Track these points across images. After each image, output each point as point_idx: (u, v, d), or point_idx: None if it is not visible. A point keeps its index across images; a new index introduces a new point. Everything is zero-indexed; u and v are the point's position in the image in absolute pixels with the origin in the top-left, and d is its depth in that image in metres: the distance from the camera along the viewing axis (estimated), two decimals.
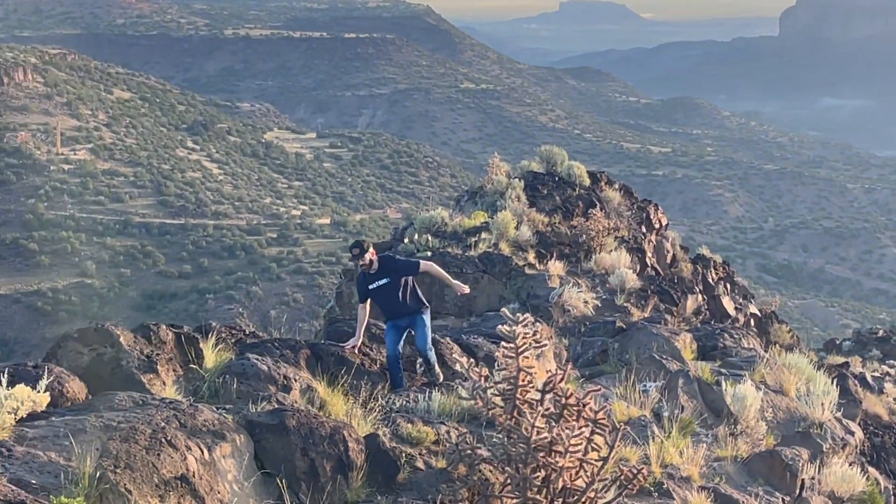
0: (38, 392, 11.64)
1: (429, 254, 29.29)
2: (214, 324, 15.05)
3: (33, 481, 9.85)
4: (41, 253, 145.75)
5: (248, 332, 15.37)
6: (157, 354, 13.21)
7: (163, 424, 10.82)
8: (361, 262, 15.83)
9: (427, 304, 16.42)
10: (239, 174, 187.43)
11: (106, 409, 11.44)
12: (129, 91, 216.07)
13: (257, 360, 13.69)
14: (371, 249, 15.97)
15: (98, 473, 9.75)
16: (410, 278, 16.15)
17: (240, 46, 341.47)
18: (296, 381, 13.73)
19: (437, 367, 16.34)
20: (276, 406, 12.40)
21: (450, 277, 17.18)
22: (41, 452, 10.35)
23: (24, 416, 11.31)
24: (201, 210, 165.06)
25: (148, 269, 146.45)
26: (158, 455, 10.28)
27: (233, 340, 14.67)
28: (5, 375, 11.64)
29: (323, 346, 15.44)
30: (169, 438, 10.56)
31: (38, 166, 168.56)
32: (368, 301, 16.16)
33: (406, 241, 31.71)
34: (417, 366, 16.51)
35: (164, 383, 12.95)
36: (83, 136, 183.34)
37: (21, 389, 11.40)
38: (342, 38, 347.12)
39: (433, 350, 16.39)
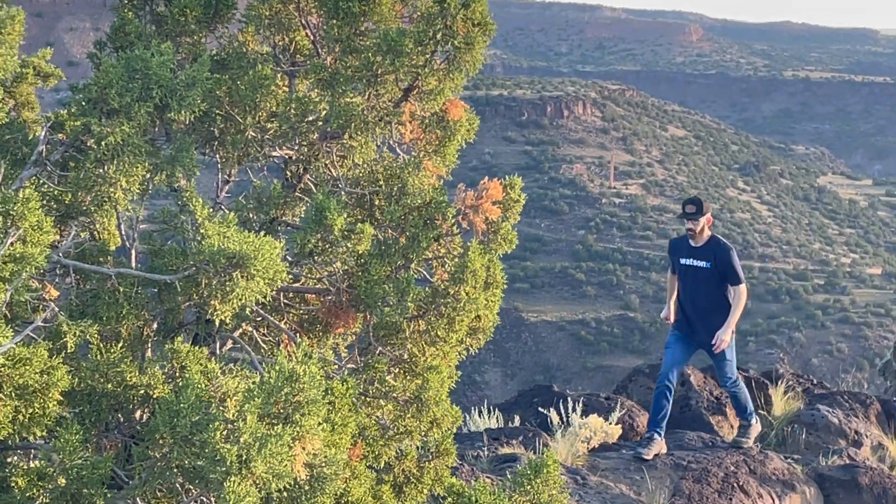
0: (610, 423, 11.87)
1: None
2: (783, 370, 14.73)
3: None
4: (587, 283, 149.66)
5: (815, 382, 14.91)
6: (727, 396, 13.09)
7: (733, 469, 10.71)
8: (690, 227, 11.53)
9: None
10: (788, 217, 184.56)
11: (675, 448, 11.49)
12: (684, 129, 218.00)
13: (828, 411, 13.27)
14: (709, 215, 11.59)
15: None
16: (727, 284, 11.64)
17: (798, 88, 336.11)
18: (867, 437, 13.20)
19: (749, 407, 12.10)
20: (848, 461, 11.99)
21: (735, 318, 11.57)
22: (612, 484, 10.50)
23: (596, 446, 11.56)
24: (748, 251, 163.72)
25: None
26: (730, 499, 10.18)
27: (800, 389, 14.31)
28: (580, 405, 11.94)
29: (894, 402, 14.72)
30: (741, 484, 10.43)
31: (591, 199, 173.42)
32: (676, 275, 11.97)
33: None
34: None
35: (731, 426, 12.82)
36: (635, 171, 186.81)
37: (594, 420, 11.67)
38: None
39: (741, 386, 12.05)
